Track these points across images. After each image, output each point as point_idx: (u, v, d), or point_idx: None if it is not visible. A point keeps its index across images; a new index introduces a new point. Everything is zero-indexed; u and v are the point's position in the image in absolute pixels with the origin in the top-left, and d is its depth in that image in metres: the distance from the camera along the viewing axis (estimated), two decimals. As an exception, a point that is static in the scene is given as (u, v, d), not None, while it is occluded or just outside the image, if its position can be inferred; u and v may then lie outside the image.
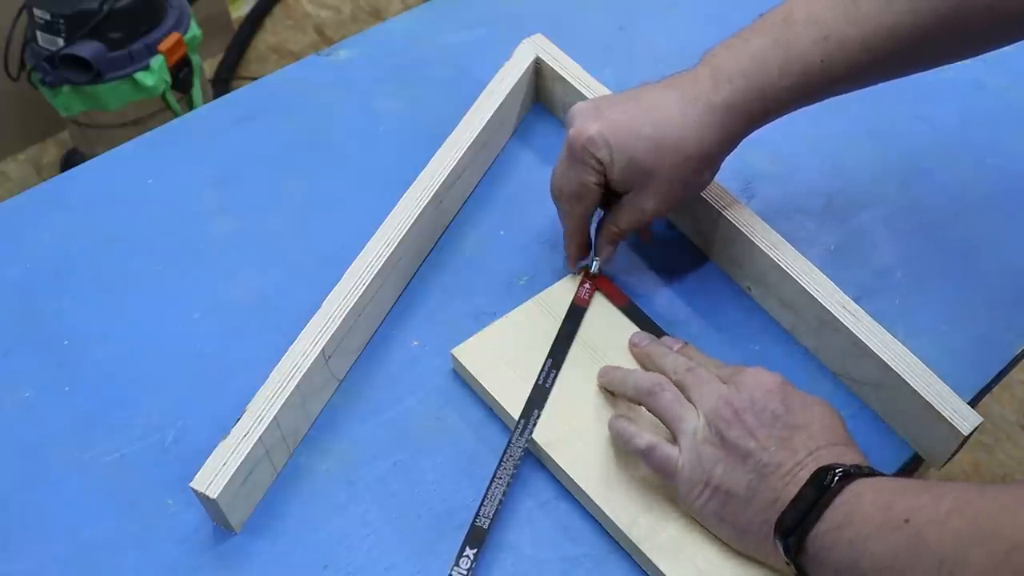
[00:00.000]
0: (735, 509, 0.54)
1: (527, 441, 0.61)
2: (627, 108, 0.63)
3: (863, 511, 0.50)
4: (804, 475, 0.53)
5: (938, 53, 0.63)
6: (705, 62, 0.62)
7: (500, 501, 0.58)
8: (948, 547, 0.46)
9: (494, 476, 0.59)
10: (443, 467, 0.62)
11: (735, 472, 0.54)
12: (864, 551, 0.49)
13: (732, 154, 0.79)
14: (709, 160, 0.63)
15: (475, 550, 0.56)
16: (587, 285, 0.68)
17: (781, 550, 0.52)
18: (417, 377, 0.66)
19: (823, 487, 0.52)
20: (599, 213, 0.68)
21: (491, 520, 0.57)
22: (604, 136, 0.62)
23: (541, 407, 0.62)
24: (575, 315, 0.67)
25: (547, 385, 0.63)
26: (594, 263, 0.68)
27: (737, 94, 0.60)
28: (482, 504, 0.58)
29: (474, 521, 0.58)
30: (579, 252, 0.68)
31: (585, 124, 0.63)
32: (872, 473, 0.53)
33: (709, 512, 0.56)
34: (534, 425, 0.61)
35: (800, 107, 0.63)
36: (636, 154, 0.62)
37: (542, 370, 0.64)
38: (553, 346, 0.65)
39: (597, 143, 0.62)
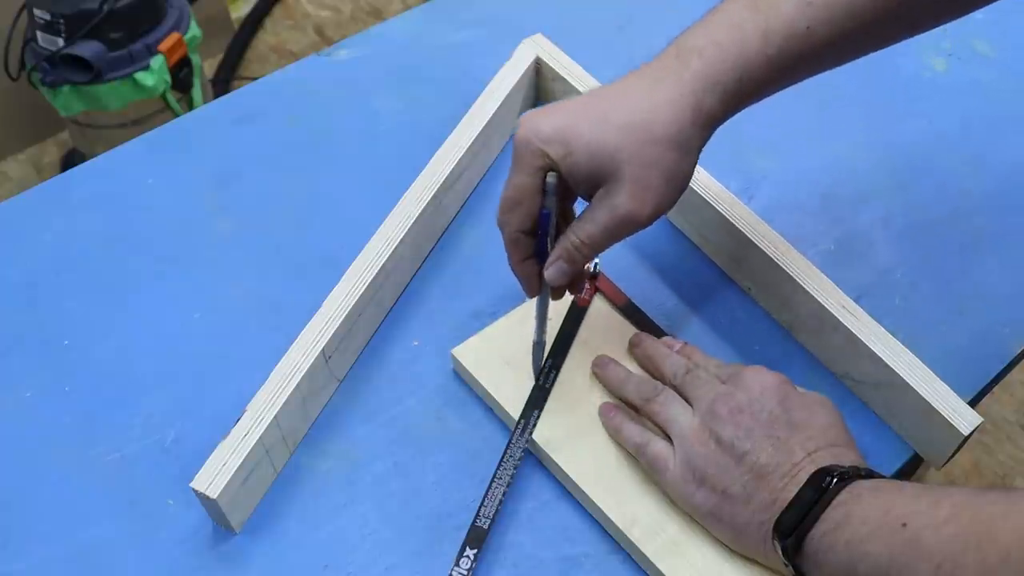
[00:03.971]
0: (732, 509, 0.54)
1: (527, 441, 0.61)
2: (585, 101, 0.56)
3: (860, 513, 0.50)
4: (802, 476, 0.53)
5: (922, 14, 0.57)
6: (672, 42, 0.55)
7: (500, 501, 0.58)
8: (944, 551, 0.46)
9: (494, 476, 0.59)
10: (443, 467, 0.62)
11: (730, 472, 0.54)
12: (861, 553, 0.49)
13: (732, 154, 0.79)
14: (684, 143, 0.54)
15: (475, 550, 0.56)
16: (587, 285, 0.68)
17: (779, 551, 0.52)
18: (417, 377, 0.66)
19: (821, 489, 0.52)
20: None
21: (491, 520, 0.57)
22: (557, 128, 0.54)
23: (541, 407, 0.62)
24: (575, 315, 0.67)
25: (547, 385, 0.63)
26: (594, 263, 0.68)
27: (709, 66, 0.53)
28: (482, 504, 0.58)
29: (474, 521, 0.57)
30: (526, 272, 0.60)
31: (533, 121, 0.55)
32: (870, 475, 0.53)
33: (706, 512, 0.56)
34: (534, 425, 0.61)
35: (778, 87, 0.57)
36: (599, 141, 0.53)
37: (542, 370, 0.64)
38: (553, 346, 0.65)
39: (546, 137, 0.54)
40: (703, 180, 0.70)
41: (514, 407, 0.62)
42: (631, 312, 0.67)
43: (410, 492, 0.61)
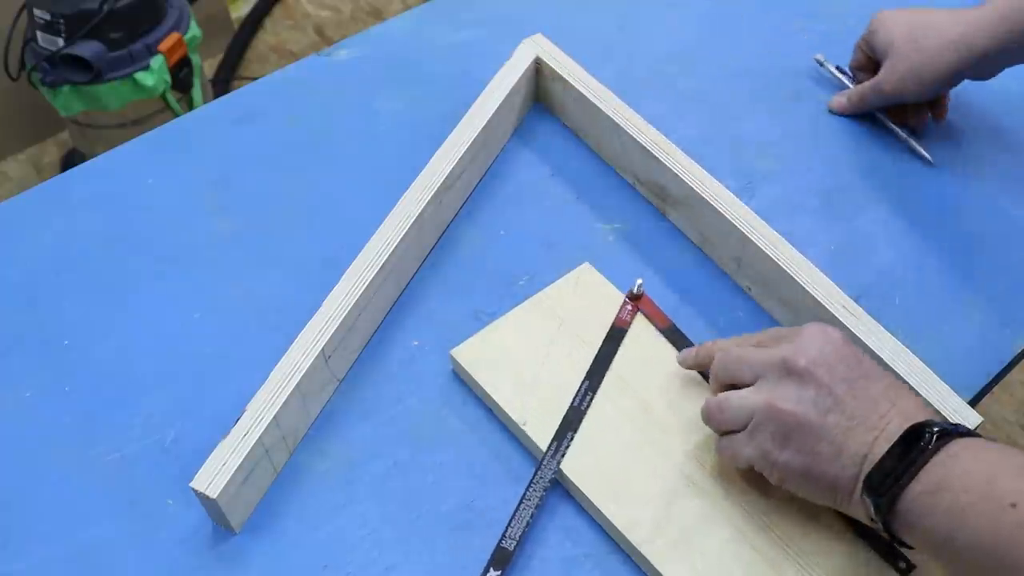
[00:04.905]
0: (821, 468, 0.53)
1: (558, 463, 0.60)
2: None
3: (961, 478, 0.48)
4: (892, 429, 0.52)
5: None
6: None
7: (527, 523, 0.58)
8: None
9: (523, 498, 0.58)
10: (443, 467, 0.62)
11: (816, 430, 0.53)
12: (963, 525, 0.48)
13: (732, 154, 0.79)
14: (963, 43, 0.74)
15: (499, 572, 0.56)
16: (628, 306, 0.67)
17: (872, 508, 0.51)
18: (417, 377, 0.66)
19: (918, 445, 0.50)
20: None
21: (517, 542, 0.57)
22: (881, 17, 0.79)
23: (576, 430, 0.61)
24: (615, 336, 0.66)
25: (583, 407, 0.62)
26: (637, 284, 0.67)
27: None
28: (509, 525, 0.57)
29: (500, 542, 0.57)
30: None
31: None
32: (967, 432, 0.51)
33: (794, 472, 0.54)
34: (567, 447, 0.60)
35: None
36: (888, 26, 0.78)
37: (578, 392, 0.63)
38: (591, 368, 0.64)
39: (874, 21, 0.80)
40: (703, 180, 0.70)
41: (513, 408, 0.62)
42: (673, 335, 0.66)
43: (410, 492, 0.61)
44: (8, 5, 1.55)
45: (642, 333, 0.67)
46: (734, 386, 0.58)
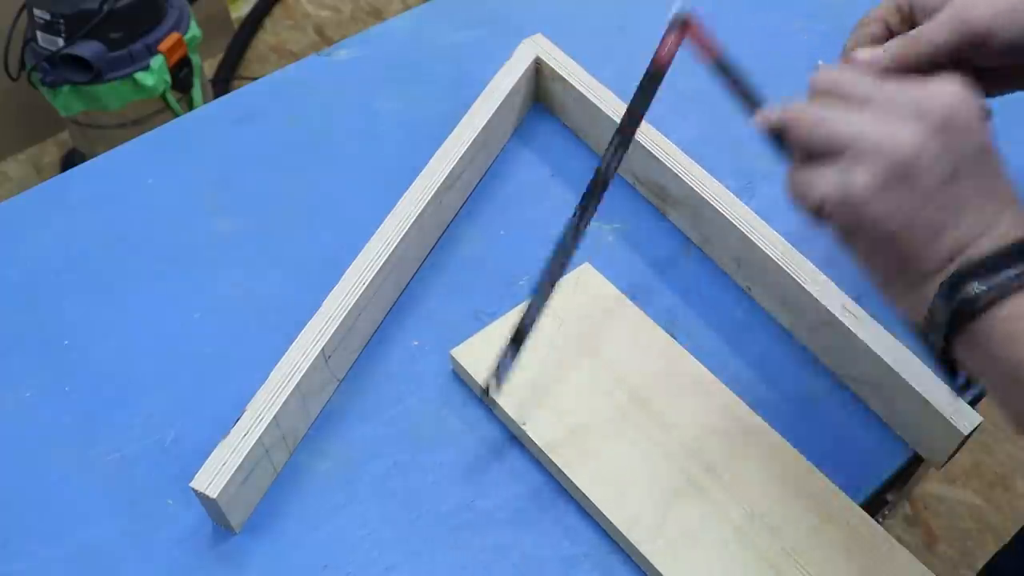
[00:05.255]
0: (913, 237, 0.44)
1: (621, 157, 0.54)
2: None
3: None
4: (1002, 232, 0.43)
5: None
6: None
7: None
8: None
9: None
10: (443, 467, 0.62)
11: (931, 189, 0.43)
12: None
13: (731, 153, 0.79)
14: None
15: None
16: (673, 38, 0.54)
17: (944, 313, 0.43)
18: (417, 377, 0.66)
19: None
20: None
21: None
22: None
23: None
24: (654, 78, 0.55)
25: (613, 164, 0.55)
26: (675, 10, 0.54)
27: None
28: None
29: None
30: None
31: None
32: None
33: (880, 227, 0.44)
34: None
35: None
36: None
37: (609, 146, 0.56)
38: (628, 111, 0.56)
39: None
40: (703, 180, 0.70)
41: (513, 407, 0.62)
42: (726, 70, 0.56)
43: (410, 492, 0.61)
44: (8, 5, 1.55)
45: (643, 329, 0.67)
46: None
